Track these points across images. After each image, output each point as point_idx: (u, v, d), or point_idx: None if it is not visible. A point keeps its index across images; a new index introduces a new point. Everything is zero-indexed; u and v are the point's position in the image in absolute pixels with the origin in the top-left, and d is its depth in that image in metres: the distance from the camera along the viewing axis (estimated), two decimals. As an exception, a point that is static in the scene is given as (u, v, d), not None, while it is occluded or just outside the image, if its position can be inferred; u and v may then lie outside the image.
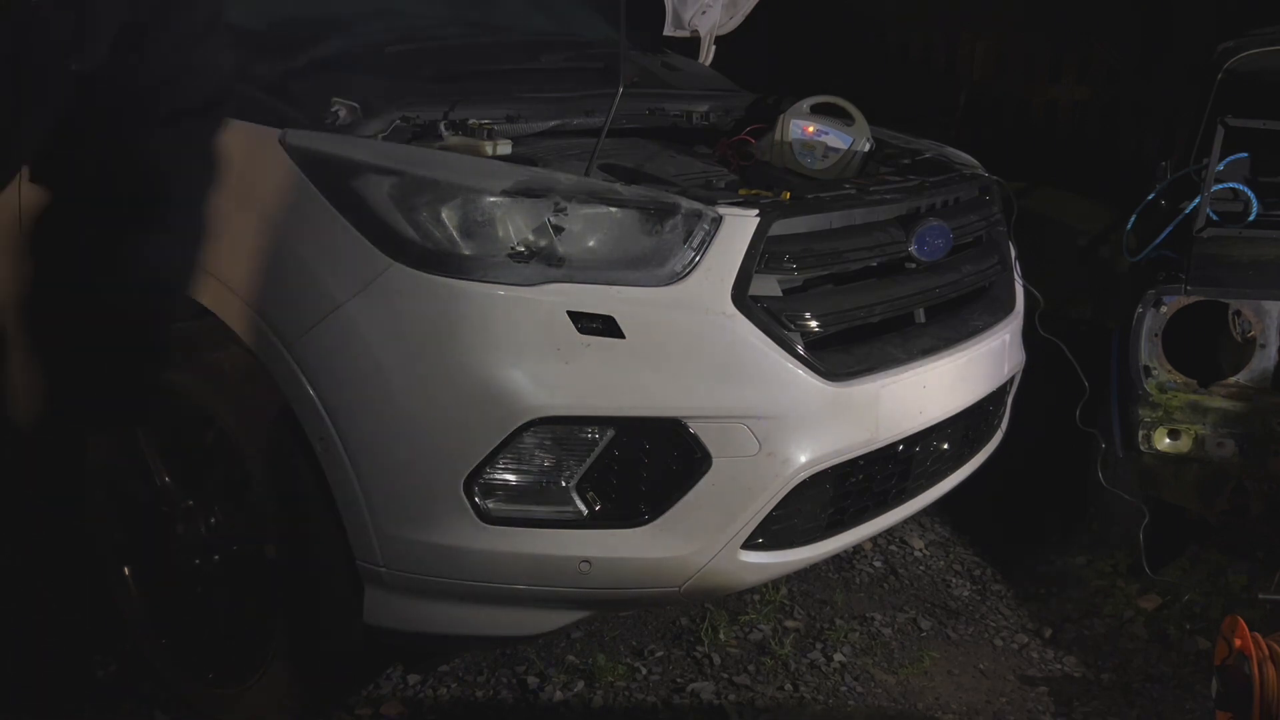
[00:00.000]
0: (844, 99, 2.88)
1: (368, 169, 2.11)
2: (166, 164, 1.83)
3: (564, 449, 2.08)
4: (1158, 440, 2.99)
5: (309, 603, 2.22)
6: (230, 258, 2.18)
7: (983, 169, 2.96)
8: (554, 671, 2.65)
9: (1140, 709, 2.66)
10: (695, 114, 2.98)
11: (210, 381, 2.26)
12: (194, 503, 2.40)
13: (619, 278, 2.10)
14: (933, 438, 2.51)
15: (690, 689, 2.63)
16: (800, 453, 2.16)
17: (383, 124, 2.32)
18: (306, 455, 2.13)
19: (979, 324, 2.62)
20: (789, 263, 2.23)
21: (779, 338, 2.17)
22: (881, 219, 2.45)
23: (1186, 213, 3.29)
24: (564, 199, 2.09)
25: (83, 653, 2.66)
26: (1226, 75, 3.80)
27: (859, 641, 2.87)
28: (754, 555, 2.22)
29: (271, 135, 2.19)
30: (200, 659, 2.44)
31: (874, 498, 2.43)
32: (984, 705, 2.65)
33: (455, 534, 2.08)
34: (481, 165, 2.19)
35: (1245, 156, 3.45)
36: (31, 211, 2.11)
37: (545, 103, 2.62)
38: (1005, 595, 3.15)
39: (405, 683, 2.59)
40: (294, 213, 2.14)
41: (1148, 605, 3.05)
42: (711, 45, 3.47)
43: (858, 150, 2.80)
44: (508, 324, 2.03)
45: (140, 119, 1.72)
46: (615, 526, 2.12)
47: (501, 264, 2.06)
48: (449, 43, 2.89)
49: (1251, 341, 2.99)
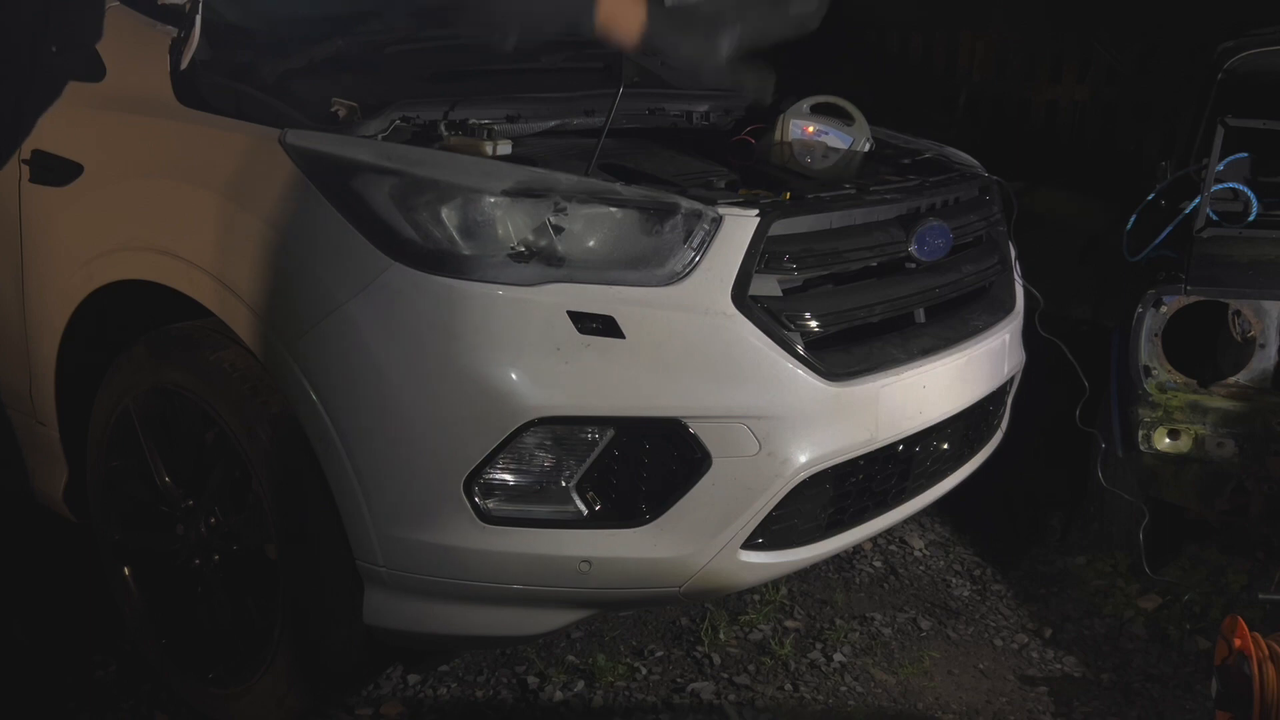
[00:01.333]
0: (844, 99, 2.88)
1: (368, 169, 2.11)
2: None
3: (564, 449, 2.08)
4: (1158, 440, 2.99)
5: (309, 603, 2.22)
6: (230, 258, 2.18)
7: (983, 169, 2.96)
8: (554, 671, 2.65)
9: (1140, 709, 2.66)
10: (695, 114, 2.98)
11: (210, 381, 2.26)
12: (194, 503, 2.40)
13: (619, 278, 2.10)
14: (933, 438, 2.51)
15: (690, 689, 2.63)
16: (800, 453, 2.16)
17: (383, 124, 2.32)
18: (306, 455, 2.13)
19: (979, 324, 2.62)
20: (789, 263, 2.23)
21: (779, 338, 2.17)
22: (881, 219, 2.45)
23: (1186, 213, 3.29)
24: (564, 199, 2.09)
25: (83, 653, 2.66)
26: (1226, 75, 3.80)
27: (859, 641, 2.87)
28: (754, 555, 2.22)
29: (271, 135, 2.19)
30: (200, 659, 2.44)
31: (874, 498, 2.43)
32: (984, 705, 2.65)
33: (455, 534, 2.08)
34: (481, 165, 2.19)
35: (1245, 156, 3.45)
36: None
37: (545, 103, 2.62)
38: (1005, 595, 3.15)
39: (405, 683, 2.59)
40: (294, 213, 2.14)
41: (1148, 605, 3.05)
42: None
43: (858, 150, 2.80)
44: (508, 324, 2.03)
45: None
46: (615, 526, 2.12)
47: (501, 264, 2.06)
48: (449, 43, 2.89)
49: (1251, 341, 2.99)
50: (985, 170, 2.95)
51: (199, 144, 2.32)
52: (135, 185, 2.38)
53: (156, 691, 2.53)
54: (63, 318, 2.45)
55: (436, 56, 2.74)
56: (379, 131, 2.30)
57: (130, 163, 2.40)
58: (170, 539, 2.45)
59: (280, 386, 2.14)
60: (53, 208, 2.48)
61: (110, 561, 2.56)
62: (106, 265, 2.37)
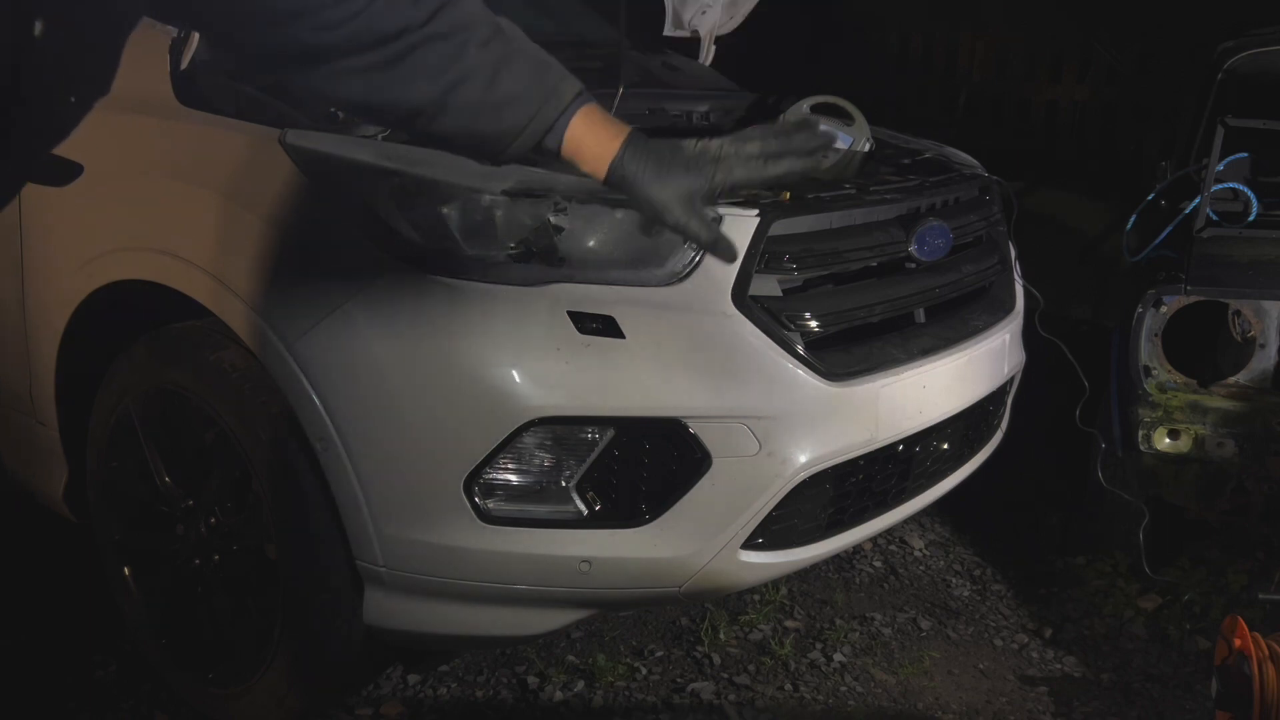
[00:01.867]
0: (844, 99, 2.88)
1: (368, 169, 2.11)
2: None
3: (564, 449, 2.08)
4: (1158, 440, 2.99)
5: (309, 603, 2.22)
6: (230, 258, 2.18)
7: (983, 169, 2.96)
8: (554, 671, 2.65)
9: (1140, 709, 2.66)
10: (695, 114, 2.98)
11: (210, 381, 2.26)
12: (194, 503, 2.40)
13: (619, 278, 2.10)
14: (933, 438, 2.51)
15: (690, 689, 2.63)
16: (800, 453, 2.16)
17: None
18: (306, 455, 2.13)
19: (979, 324, 2.62)
20: (789, 263, 2.23)
21: (779, 338, 2.17)
22: (881, 219, 2.45)
23: (1186, 213, 3.29)
24: (564, 199, 2.09)
25: (83, 653, 2.66)
26: (1226, 75, 3.80)
27: (859, 641, 2.87)
28: (754, 555, 2.22)
29: (271, 135, 2.19)
30: (200, 659, 2.44)
31: (874, 498, 2.43)
32: (984, 705, 2.65)
33: (455, 534, 2.08)
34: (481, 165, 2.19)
35: (1245, 156, 3.45)
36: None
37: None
38: (1005, 595, 3.15)
39: (405, 683, 2.59)
40: (294, 213, 2.14)
41: (1148, 605, 3.05)
42: (711, 45, 3.47)
43: (858, 150, 2.80)
44: (508, 324, 2.03)
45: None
46: (615, 526, 2.12)
47: (502, 264, 2.06)
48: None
49: (1251, 341, 2.99)
50: (985, 170, 2.95)
51: (199, 144, 2.32)
52: (135, 185, 2.38)
53: (156, 691, 2.53)
54: (63, 318, 2.45)
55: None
56: (379, 131, 2.30)
57: (130, 163, 2.40)
58: (170, 539, 2.44)
59: (280, 386, 2.14)
60: (53, 208, 2.48)
61: (110, 561, 2.56)
62: (106, 265, 2.37)
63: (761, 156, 1.39)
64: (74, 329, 2.46)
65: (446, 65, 1.34)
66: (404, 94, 1.35)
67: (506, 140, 1.39)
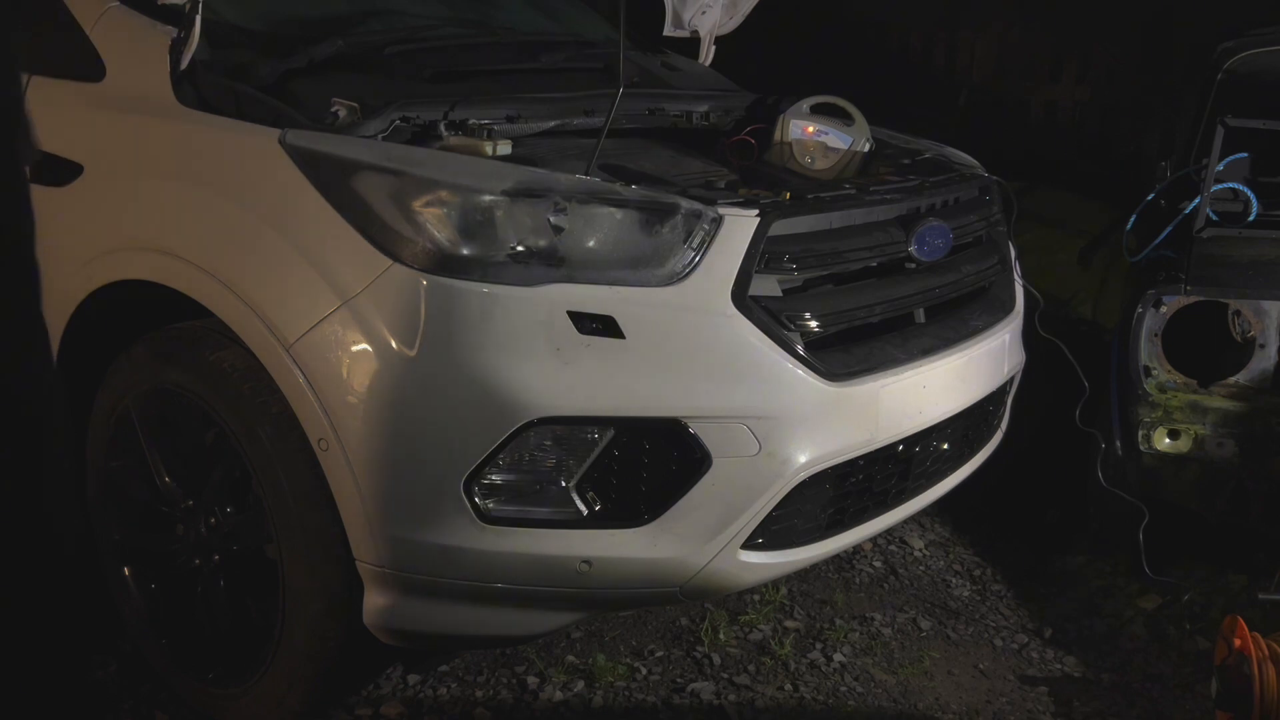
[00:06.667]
0: (844, 99, 2.88)
1: (368, 169, 2.11)
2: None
3: (564, 449, 2.08)
4: (1158, 440, 2.99)
5: (309, 603, 2.22)
6: (230, 258, 2.18)
7: (983, 169, 2.96)
8: (554, 671, 2.65)
9: (1140, 709, 2.66)
10: (695, 114, 2.98)
11: (210, 381, 2.26)
12: (194, 503, 2.40)
13: (619, 278, 2.10)
14: (932, 438, 2.51)
15: (690, 689, 2.63)
16: (800, 453, 2.16)
17: (383, 124, 2.32)
18: (306, 455, 2.13)
19: (979, 324, 2.62)
20: (789, 263, 2.24)
21: (779, 338, 2.17)
22: (881, 219, 2.45)
23: (1186, 213, 3.29)
24: (564, 199, 2.09)
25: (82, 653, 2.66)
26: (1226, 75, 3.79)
27: (859, 641, 2.87)
28: (754, 555, 2.22)
29: (271, 135, 2.19)
30: (200, 659, 2.44)
31: (874, 498, 2.43)
32: (984, 705, 2.65)
33: (455, 534, 2.08)
34: (481, 165, 2.19)
35: (1245, 156, 3.45)
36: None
37: (545, 103, 2.61)
38: (1005, 595, 3.15)
39: (405, 683, 2.59)
40: (294, 213, 2.14)
41: (1148, 605, 3.05)
42: (711, 45, 3.47)
43: (858, 150, 2.80)
44: (508, 324, 2.03)
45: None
46: (615, 527, 2.12)
47: (502, 264, 2.06)
48: (449, 43, 2.89)
49: (1251, 341, 3.00)
50: (985, 170, 2.95)
51: (199, 144, 2.32)
52: (135, 185, 2.38)
53: (156, 691, 2.53)
54: (63, 318, 2.45)
55: (436, 56, 2.74)
56: (379, 131, 2.30)
57: (130, 163, 2.40)
58: (170, 539, 2.45)
59: (280, 386, 2.14)
60: (53, 208, 2.48)
61: (110, 561, 2.56)
62: (107, 265, 2.37)
63: None
64: (74, 329, 2.46)
65: None
66: None
67: None
